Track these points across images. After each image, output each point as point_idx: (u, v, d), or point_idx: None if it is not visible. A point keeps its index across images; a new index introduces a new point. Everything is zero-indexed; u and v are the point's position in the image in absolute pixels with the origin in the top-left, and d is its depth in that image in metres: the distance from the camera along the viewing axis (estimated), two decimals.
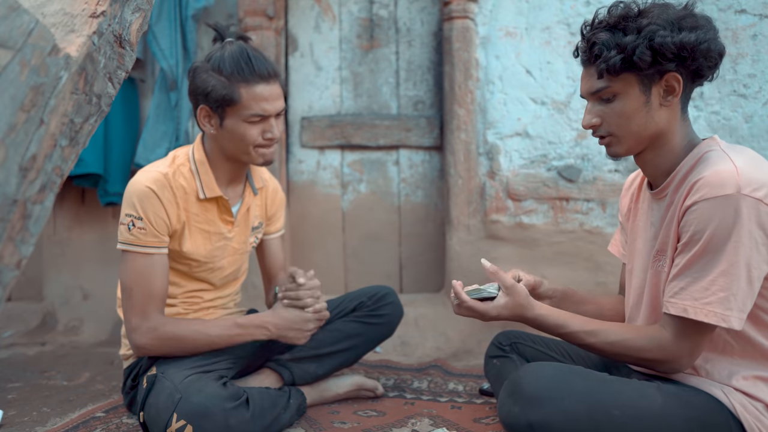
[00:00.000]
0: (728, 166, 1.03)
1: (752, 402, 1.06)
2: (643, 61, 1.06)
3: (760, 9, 2.23)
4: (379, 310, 1.72)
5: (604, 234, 2.34)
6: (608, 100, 1.14)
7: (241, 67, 1.40)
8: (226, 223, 1.57)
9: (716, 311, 1.01)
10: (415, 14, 2.65)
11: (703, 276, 1.03)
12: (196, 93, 1.45)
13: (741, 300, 1.01)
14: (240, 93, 1.40)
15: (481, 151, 2.45)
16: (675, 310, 1.06)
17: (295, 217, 2.71)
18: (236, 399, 1.32)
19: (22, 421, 1.54)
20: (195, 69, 1.46)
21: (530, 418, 1.03)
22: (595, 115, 1.17)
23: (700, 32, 1.06)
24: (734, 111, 2.26)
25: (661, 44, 1.05)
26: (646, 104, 1.11)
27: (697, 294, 1.03)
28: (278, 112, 1.47)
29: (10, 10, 0.80)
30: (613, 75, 1.10)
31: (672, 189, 1.14)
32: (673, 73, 1.08)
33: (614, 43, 1.08)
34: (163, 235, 1.44)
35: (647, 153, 1.17)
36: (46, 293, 2.71)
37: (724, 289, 1.01)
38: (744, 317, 1.02)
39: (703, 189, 1.03)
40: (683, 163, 1.13)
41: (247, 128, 1.43)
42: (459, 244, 2.42)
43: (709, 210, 1.02)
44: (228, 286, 1.68)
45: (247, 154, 1.48)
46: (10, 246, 0.74)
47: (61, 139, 0.84)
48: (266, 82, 1.42)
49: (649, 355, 1.10)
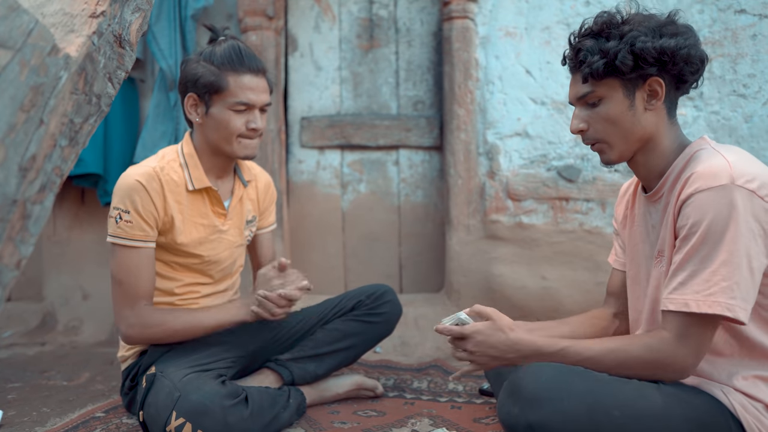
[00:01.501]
0: (720, 161, 1.04)
1: (752, 402, 1.06)
2: (624, 65, 1.10)
3: (759, 9, 2.23)
4: (377, 309, 1.72)
5: (603, 234, 2.34)
6: (594, 104, 1.17)
7: (232, 58, 1.48)
8: (219, 215, 1.60)
9: (720, 301, 1.00)
10: (414, 14, 2.65)
11: (703, 268, 1.02)
12: (185, 81, 1.51)
13: (744, 290, 1.00)
14: (228, 80, 1.47)
15: (480, 151, 2.45)
16: (675, 306, 1.04)
17: (294, 217, 2.71)
18: (235, 397, 1.32)
19: (22, 421, 1.54)
20: (186, 61, 1.54)
21: (530, 418, 1.03)
22: (582, 120, 1.20)
23: (680, 38, 1.10)
24: (734, 111, 2.26)
25: (641, 49, 1.09)
26: (630, 108, 1.14)
27: (698, 287, 1.02)
28: (263, 105, 1.53)
29: (10, 10, 0.80)
30: (596, 79, 1.14)
31: (666, 189, 1.15)
32: (655, 77, 1.12)
33: (597, 49, 1.12)
34: (150, 229, 1.46)
35: (638, 156, 1.19)
36: (46, 293, 2.71)
37: (726, 279, 1.00)
38: (749, 309, 1.01)
39: (697, 182, 1.04)
40: (675, 163, 1.15)
41: (232, 116, 1.49)
42: (459, 244, 2.42)
43: (704, 201, 1.02)
44: (224, 279, 1.69)
45: (229, 144, 1.51)
46: (9, 246, 0.74)
47: (60, 139, 0.84)
48: (254, 74, 1.50)
49: (650, 364, 1.07)
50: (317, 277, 2.71)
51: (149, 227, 1.46)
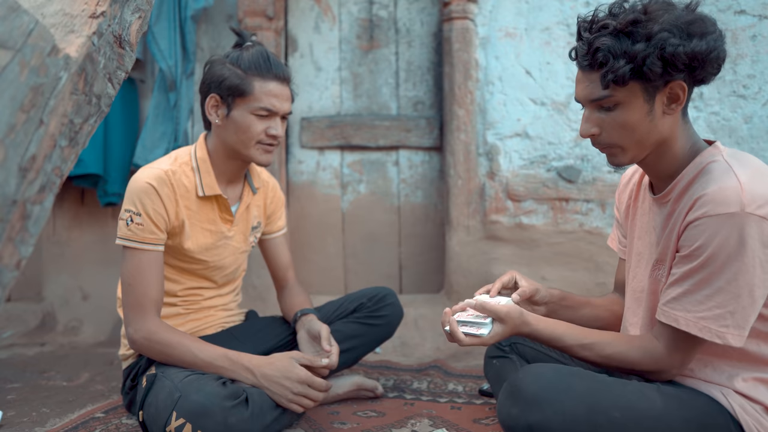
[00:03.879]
0: (732, 182, 1.00)
1: (752, 404, 1.06)
2: (653, 72, 1.01)
3: (759, 10, 2.23)
4: (379, 312, 1.72)
5: (603, 234, 2.34)
6: (608, 108, 1.09)
7: (260, 64, 1.48)
8: (226, 222, 1.59)
9: (710, 327, 1.01)
10: (414, 15, 2.65)
11: (698, 290, 1.02)
12: (210, 82, 1.50)
13: (740, 318, 1.00)
14: (254, 85, 1.47)
15: (480, 152, 2.45)
16: (666, 319, 1.06)
17: (294, 218, 2.71)
18: (235, 398, 1.32)
19: (22, 421, 1.54)
20: (211, 62, 1.53)
21: (530, 419, 1.03)
22: (594, 123, 1.11)
23: (710, 39, 1.01)
24: (734, 112, 2.26)
25: (673, 54, 0.99)
26: (649, 114, 1.07)
27: (690, 306, 1.03)
28: (285, 113, 1.52)
29: (10, 11, 0.80)
30: (619, 86, 1.04)
31: (674, 198, 1.11)
32: (679, 81, 1.04)
33: (622, 51, 1.02)
34: (160, 232, 1.45)
35: (650, 158, 1.14)
36: (46, 294, 2.71)
37: (721, 306, 1.00)
38: (744, 334, 1.01)
39: (706, 206, 1.01)
40: (686, 171, 1.10)
41: (254, 121, 1.48)
42: (459, 245, 2.42)
43: (711, 227, 1.00)
44: (227, 284, 1.68)
45: (247, 149, 1.50)
46: (9, 246, 0.74)
47: (60, 139, 0.84)
48: (280, 82, 1.50)
49: (642, 367, 1.11)
50: (317, 277, 2.71)
51: (159, 230, 1.45)
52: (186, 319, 1.59)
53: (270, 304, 2.38)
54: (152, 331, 1.41)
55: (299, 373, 1.39)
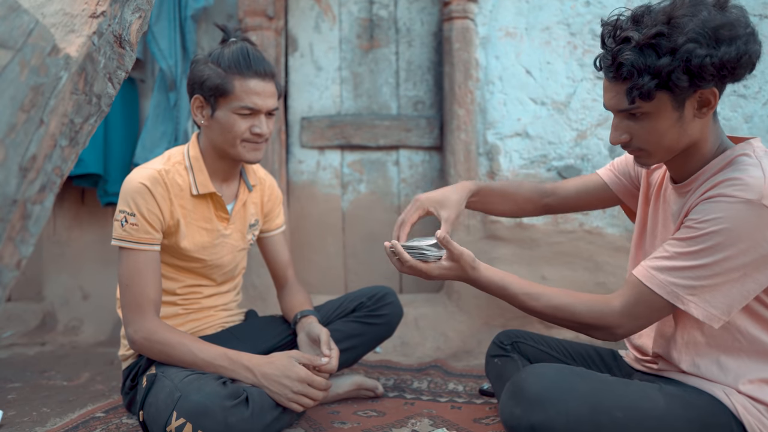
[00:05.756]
0: (757, 173, 0.99)
1: (755, 404, 1.06)
2: (679, 86, 0.99)
3: (760, 9, 2.23)
4: (378, 311, 1.72)
5: (603, 234, 2.34)
6: (637, 116, 1.07)
7: (239, 62, 1.45)
8: (222, 220, 1.59)
9: (680, 294, 1.02)
10: (414, 14, 2.65)
11: (684, 258, 1.02)
12: (193, 83, 1.50)
13: (718, 296, 1.00)
14: (234, 84, 1.45)
15: (480, 152, 2.45)
16: (638, 273, 1.07)
17: (295, 218, 2.71)
18: (236, 397, 1.32)
19: (22, 421, 1.54)
20: (195, 61, 1.52)
21: (532, 419, 1.03)
22: (624, 131, 1.10)
23: (740, 43, 0.97)
24: (734, 111, 2.26)
25: (699, 66, 0.96)
26: (679, 120, 1.04)
27: (668, 271, 1.03)
28: (269, 110, 1.50)
29: (10, 10, 0.79)
30: (646, 100, 1.02)
31: (695, 186, 1.10)
32: (710, 88, 1.01)
33: (645, 65, 0.99)
34: (155, 232, 1.45)
35: (677, 159, 1.13)
36: (46, 293, 2.71)
37: (698, 279, 1.01)
38: (714, 313, 1.01)
39: (725, 188, 1.00)
40: (712, 163, 1.08)
41: (237, 120, 1.47)
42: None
43: (722, 207, 0.99)
44: (226, 282, 1.68)
45: (233, 147, 1.49)
46: (9, 246, 0.74)
47: (61, 139, 0.84)
48: (261, 79, 1.47)
49: (586, 321, 1.11)
50: (317, 277, 2.71)
51: (154, 230, 1.45)
52: (186, 320, 1.59)
53: (270, 303, 2.38)
54: (152, 331, 1.41)
55: (299, 372, 1.38)
